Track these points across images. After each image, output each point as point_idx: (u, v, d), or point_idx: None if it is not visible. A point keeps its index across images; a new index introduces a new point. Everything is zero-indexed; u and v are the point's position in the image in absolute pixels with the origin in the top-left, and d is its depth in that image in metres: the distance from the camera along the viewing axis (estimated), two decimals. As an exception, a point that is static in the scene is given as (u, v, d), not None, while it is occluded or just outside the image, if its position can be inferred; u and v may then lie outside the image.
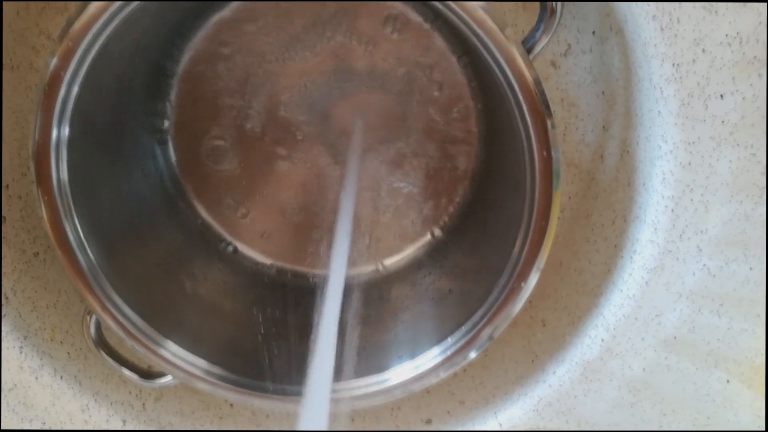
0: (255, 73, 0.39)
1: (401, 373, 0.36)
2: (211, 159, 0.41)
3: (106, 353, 0.37)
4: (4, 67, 0.36)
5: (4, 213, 0.38)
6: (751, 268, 0.33)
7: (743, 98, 0.30)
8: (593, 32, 0.36)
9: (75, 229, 0.33)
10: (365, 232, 0.44)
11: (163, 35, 0.37)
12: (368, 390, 0.36)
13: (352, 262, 0.40)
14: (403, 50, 0.39)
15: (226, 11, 0.38)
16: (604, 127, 0.38)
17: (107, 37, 0.29)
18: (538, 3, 0.37)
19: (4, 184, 0.38)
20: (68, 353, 0.40)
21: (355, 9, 0.38)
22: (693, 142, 0.31)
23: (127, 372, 0.38)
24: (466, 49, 0.38)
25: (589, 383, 0.37)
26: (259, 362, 0.39)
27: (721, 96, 0.30)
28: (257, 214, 0.43)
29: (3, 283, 0.38)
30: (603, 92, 0.37)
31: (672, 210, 0.33)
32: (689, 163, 0.32)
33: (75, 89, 0.30)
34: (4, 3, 0.34)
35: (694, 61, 0.29)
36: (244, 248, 0.43)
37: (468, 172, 0.42)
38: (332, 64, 0.39)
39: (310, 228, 0.43)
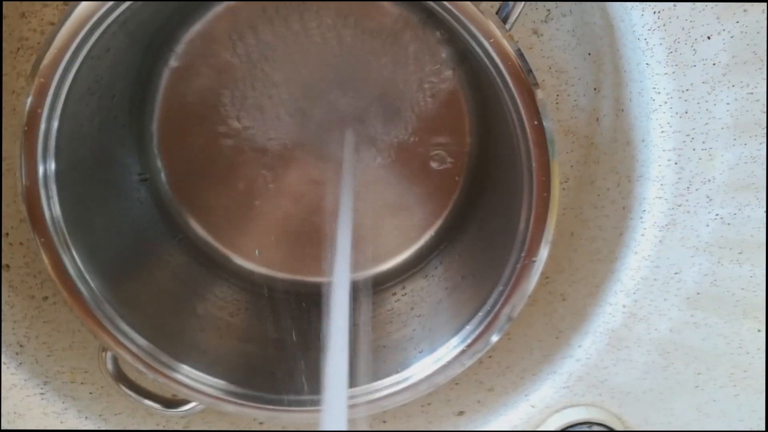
0: (239, 92, 0.39)
1: (423, 367, 0.35)
2: (204, 179, 0.41)
3: (127, 387, 0.37)
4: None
5: (6, 261, 0.38)
6: (766, 210, 0.32)
7: (731, 36, 0.29)
8: (570, -7, 0.36)
9: (76, 265, 0.32)
10: (369, 233, 0.43)
11: (137, 62, 0.37)
12: (392, 389, 0.35)
13: (357, 265, 0.40)
14: (383, 40, 0.38)
15: (196, 34, 0.37)
16: (595, 88, 0.37)
17: (79, 70, 0.29)
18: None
19: (3, 232, 0.38)
20: (90, 393, 0.40)
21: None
22: (686, 90, 0.30)
23: (149, 403, 0.37)
24: (449, 34, 0.38)
25: (617, 352, 0.36)
26: (282, 376, 0.38)
27: (708, 37, 0.29)
28: (260, 228, 0.42)
29: (15, 331, 0.38)
30: (589, 53, 0.36)
31: (675, 162, 0.32)
32: (686, 112, 0.31)
33: (54, 124, 0.29)
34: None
35: (675, 5, 0.28)
36: (251, 264, 0.43)
37: (465, 157, 0.41)
38: (310, 54, 0.39)
39: (316, 236, 0.43)
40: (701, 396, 0.37)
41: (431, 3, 0.29)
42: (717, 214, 0.32)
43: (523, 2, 0.29)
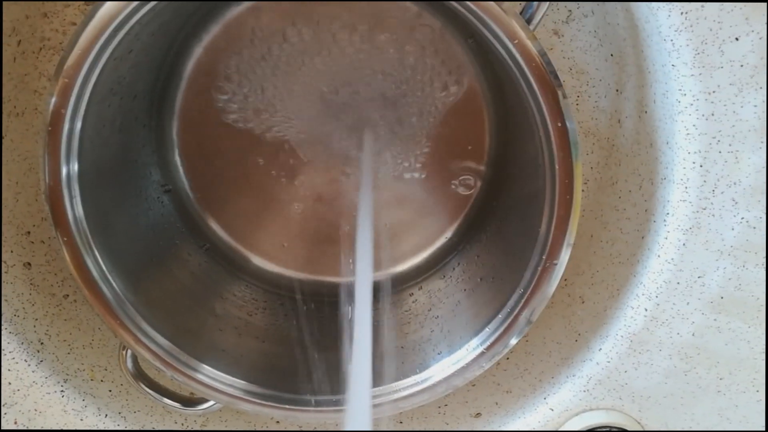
0: (259, 93, 0.39)
1: (442, 369, 0.35)
2: (223, 180, 0.41)
3: (146, 385, 0.37)
4: (8, 114, 0.36)
5: (28, 259, 0.38)
6: (792, 215, 0.31)
7: (760, 38, 0.28)
8: (593, -6, 0.35)
9: (98, 265, 0.32)
10: (388, 233, 0.43)
11: (158, 62, 0.37)
12: (411, 390, 0.35)
13: (377, 264, 0.40)
14: (404, 43, 0.38)
15: (217, 35, 0.37)
16: (617, 90, 0.37)
17: (102, 70, 0.29)
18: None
19: (25, 230, 0.38)
20: (110, 390, 0.40)
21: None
22: (713, 91, 0.30)
23: (168, 401, 0.37)
24: (469, 34, 0.38)
25: (638, 356, 0.36)
26: (299, 376, 0.38)
27: (737, 38, 0.28)
28: (279, 228, 0.42)
29: (36, 328, 0.38)
30: (611, 54, 0.36)
31: (700, 165, 0.31)
32: (712, 114, 0.30)
33: (78, 125, 0.30)
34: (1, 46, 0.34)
35: (702, 6, 0.28)
36: (270, 264, 0.43)
37: (484, 159, 0.41)
38: (332, 65, 0.38)
39: (335, 237, 0.43)
40: (723, 401, 0.37)
41: (454, 3, 0.29)
42: (743, 218, 0.32)
43: (547, 2, 0.29)
